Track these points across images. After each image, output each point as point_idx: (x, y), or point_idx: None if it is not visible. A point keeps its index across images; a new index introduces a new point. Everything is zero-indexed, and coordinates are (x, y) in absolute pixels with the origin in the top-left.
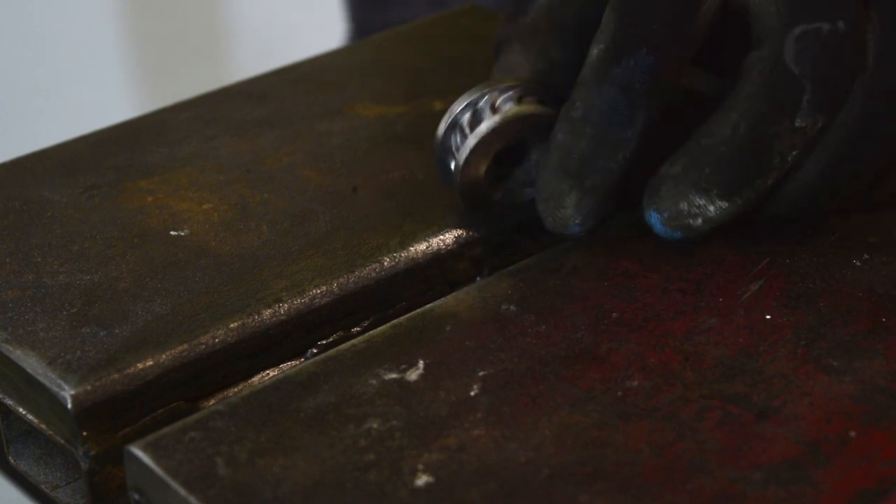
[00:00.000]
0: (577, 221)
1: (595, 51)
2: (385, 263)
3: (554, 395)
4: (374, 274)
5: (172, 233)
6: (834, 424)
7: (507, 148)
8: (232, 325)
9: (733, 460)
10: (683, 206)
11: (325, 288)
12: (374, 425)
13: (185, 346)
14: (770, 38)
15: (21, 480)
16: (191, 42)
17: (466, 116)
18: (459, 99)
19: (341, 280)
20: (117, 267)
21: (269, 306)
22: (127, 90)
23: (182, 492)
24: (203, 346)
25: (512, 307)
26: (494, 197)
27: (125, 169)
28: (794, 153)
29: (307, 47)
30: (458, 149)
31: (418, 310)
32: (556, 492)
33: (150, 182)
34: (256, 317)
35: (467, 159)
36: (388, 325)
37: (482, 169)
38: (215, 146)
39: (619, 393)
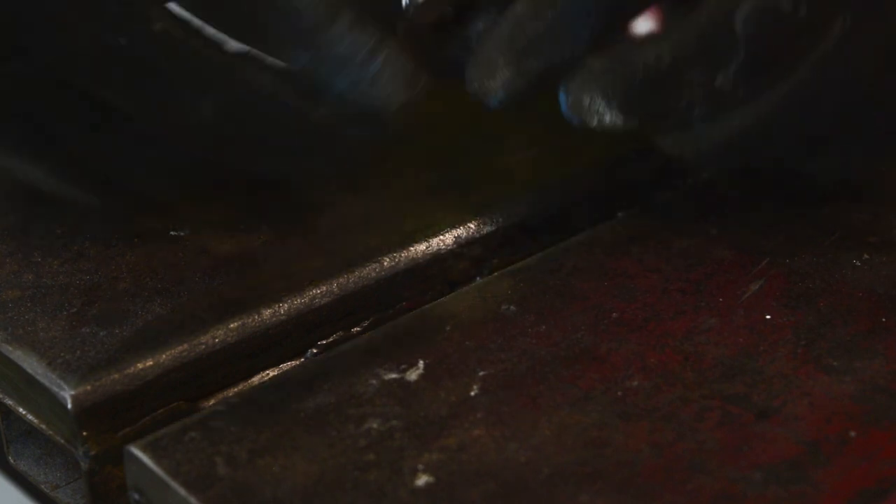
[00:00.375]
0: (499, 96)
1: None
2: (385, 263)
3: (554, 395)
4: (373, 274)
5: (172, 233)
6: (834, 424)
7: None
8: (232, 325)
9: (733, 460)
10: (586, 100)
11: (324, 288)
12: (374, 425)
13: (185, 346)
14: None
15: (21, 480)
16: None
17: None
18: None
19: (341, 280)
20: (117, 267)
21: (268, 306)
22: None
23: (182, 492)
24: (203, 346)
25: (512, 307)
26: (437, 50)
27: None
28: (703, 106)
29: None
30: None
31: (418, 310)
32: (556, 492)
33: None
34: (256, 317)
35: None
36: (389, 325)
37: (436, 14)
38: None
39: (619, 393)
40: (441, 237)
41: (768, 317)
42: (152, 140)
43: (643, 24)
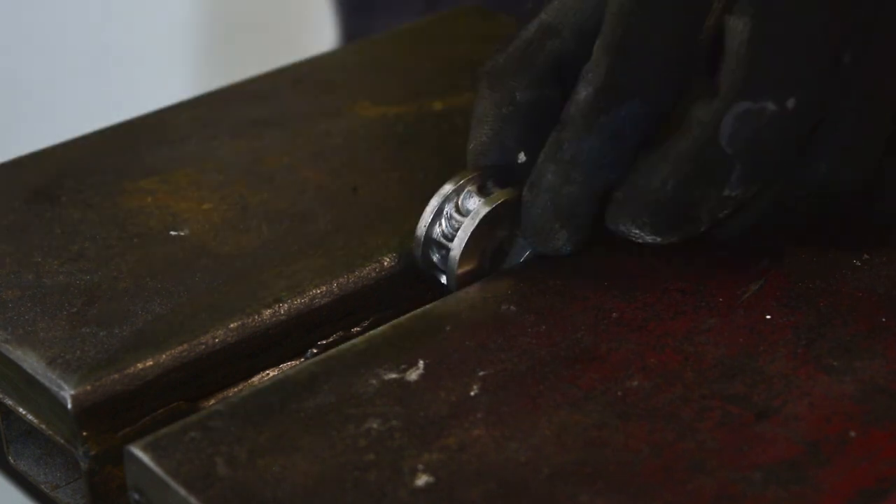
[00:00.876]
0: (567, 249)
1: (584, 93)
2: (385, 263)
3: (554, 395)
4: (374, 274)
5: (172, 233)
6: (834, 424)
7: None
8: (232, 325)
9: (733, 460)
10: (623, 228)
11: (325, 288)
12: (374, 425)
13: (185, 346)
14: (719, 98)
15: (21, 480)
16: (191, 42)
17: (437, 230)
18: (423, 216)
19: (341, 280)
20: (117, 267)
21: (269, 306)
22: (127, 90)
23: (182, 492)
24: (203, 346)
25: (512, 307)
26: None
27: (125, 169)
28: (723, 213)
29: (307, 47)
30: (442, 265)
31: (418, 310)
32: (557, 492)
33: (150, 182)
34: (256, 317)
35: (457, 276)
36: (389, 325)
37: (474, 270)
38: (215, 146)
39: (619, 393)
40: None
41: (768, 317)
42: None
43: None
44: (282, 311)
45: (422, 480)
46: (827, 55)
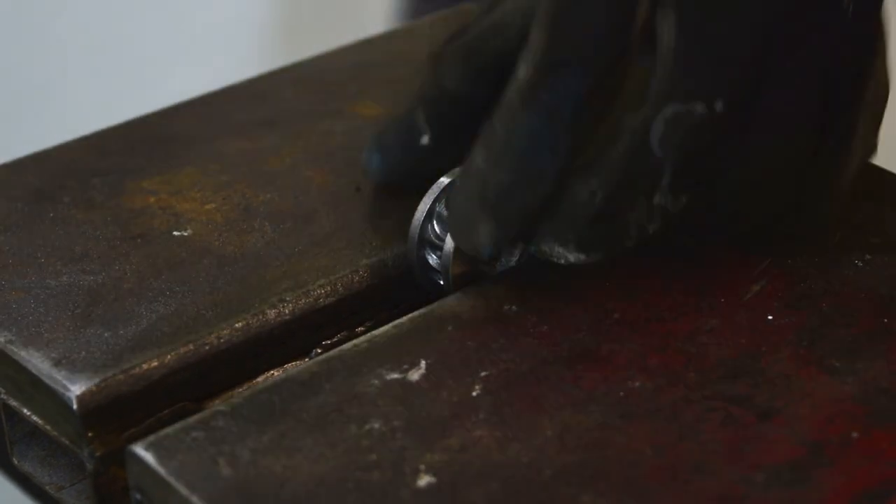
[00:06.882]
0: (488, 249)
1: (521, 71)
2: (389, 262)
3: (556, 395)
4: (378, 273)
5: (175, 233)
6: (836, 425)
7: None
8: (237, 325)
9: (736, 461)
10: (546, 248)
11: (329, 288)
12: (376, 425)
13: (190, 346)
14: (649, 103)
15: (25, 482)
16: (191, 41)
17: (430, 230)
18: (430, 189)
19: (345, 280)
20: (121, 267)
21: (273, 306)
22: (127, 90)
23: (184, 492)
24: (208, 347)
25: (514, 307)
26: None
27: (127, 169)
28: (652, 226)
29: (307, 47)
30: (441, 238)
31: (420, 310)
32: (559, 492)
33: (153, 182)
34: (261, 317)
35: (452, 275)
36: (391, 324)
37: (469, 269)
38: (217, 146)
39: (622, 393)
40: None
41: (770, 317)
42: None
43: None
44: (286, 311)
45: (424, 481)
46: (753, 53)
